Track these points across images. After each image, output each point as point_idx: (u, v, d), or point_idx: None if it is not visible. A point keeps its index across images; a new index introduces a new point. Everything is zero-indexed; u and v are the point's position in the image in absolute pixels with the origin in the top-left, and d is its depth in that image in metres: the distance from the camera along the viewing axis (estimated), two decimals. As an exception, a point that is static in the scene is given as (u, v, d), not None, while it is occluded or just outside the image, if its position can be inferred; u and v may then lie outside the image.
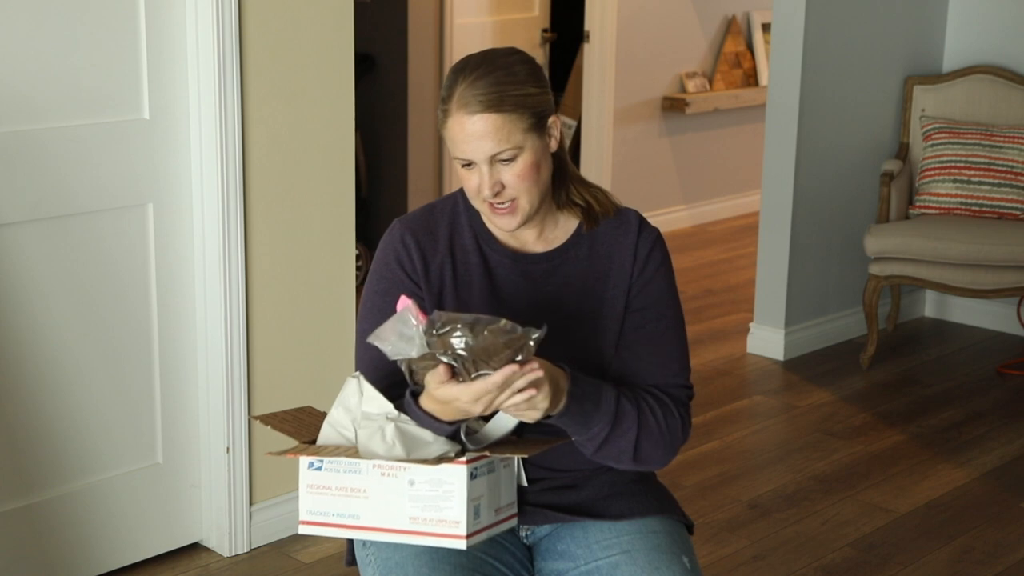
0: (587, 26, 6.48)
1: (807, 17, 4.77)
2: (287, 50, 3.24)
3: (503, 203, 1.99)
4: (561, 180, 2.09)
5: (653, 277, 2.09)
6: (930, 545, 3.53)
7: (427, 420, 1.86)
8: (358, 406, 1.88)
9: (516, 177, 1.97)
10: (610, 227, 2.10)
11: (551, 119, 2.01)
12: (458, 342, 1.74)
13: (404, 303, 1.80)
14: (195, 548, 3.39)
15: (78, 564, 3.16)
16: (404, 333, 1.78)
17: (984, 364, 5.00)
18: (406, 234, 2.08)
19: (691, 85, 6.85)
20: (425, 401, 1.85)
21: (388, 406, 1.86)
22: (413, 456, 1.82)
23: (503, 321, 1.75)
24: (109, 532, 3.21)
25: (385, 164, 6.29)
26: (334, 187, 3.40)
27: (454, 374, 1.78)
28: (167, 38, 3.09)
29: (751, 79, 7.15)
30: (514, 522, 2.00)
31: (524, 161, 1.97)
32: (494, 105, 1.94)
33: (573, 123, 6.92)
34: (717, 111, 6.96)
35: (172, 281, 3.22)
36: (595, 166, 6.58)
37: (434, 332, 1.75)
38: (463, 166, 1.99)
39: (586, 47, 6.52)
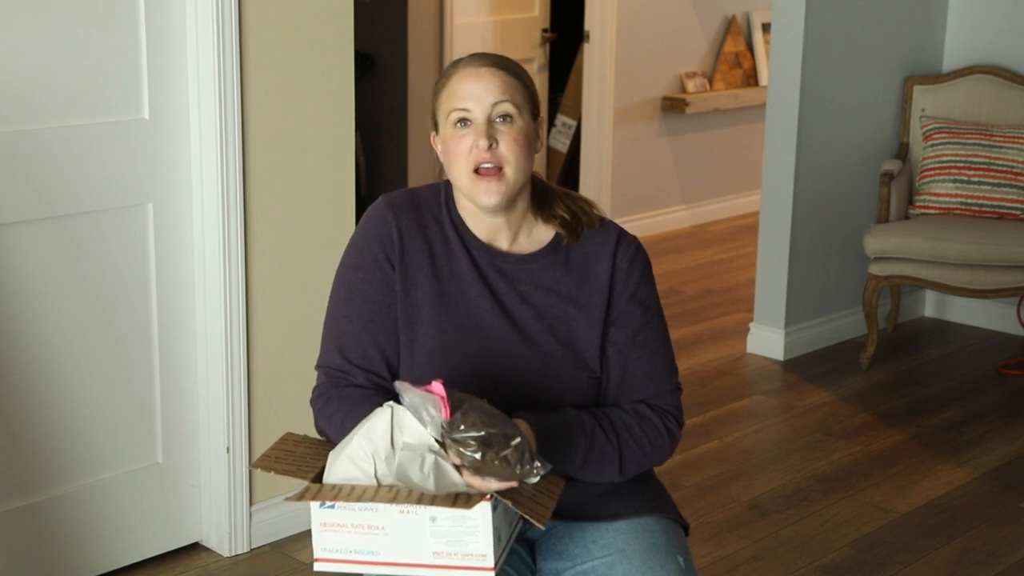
0: (587, 26, 6.48)
1: (807, 17, 4.77)
2: (287, 50, 3.24)
3: (491, 165, 2.02)
4: (545, 193, 2.14)
5: (638, 288, 2.13)
6: (930, 545, 3.53)
7: None
8: (383, 436, 1.87)
9: (511, 139, 2.03)
10: (589, 237, 2.14)
11: (541, 117, 2.10)
12: (469, 459, 1.80)
13: (439, 390, 1.84)
14: (195, 548, 3.39)
15: (78, 564, 3.16)
16: (431, 416, 1.84)
17: (984, 364, 5.00)
18: (388, 212, 2.11)
19: (691, 85, 6.85)
20: None
21: (430, 440, 1.86)
22: (441, 492, 1.82)
23: (514, 445, 1.80)
24: (109, 532, 3.21)
25: (385, 164, 6.30)
26: (334, 187, 3.40)
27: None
28: (167, 38, 3.09)
29: (751, 79, 7.15)
30: (520, 524, 2.01)
31: (519, 127, 2.04)
32: (502, 67, 2.06)
33: (573, 123, 6.91)
34: (717, 111, 6.96)
35: (172, 281, 3.22)
36: (595, 166, 6.58)
37: (452, 436, 1.81)
38: (457, 123, 2.03)
39: (586, 47, 6.52)
